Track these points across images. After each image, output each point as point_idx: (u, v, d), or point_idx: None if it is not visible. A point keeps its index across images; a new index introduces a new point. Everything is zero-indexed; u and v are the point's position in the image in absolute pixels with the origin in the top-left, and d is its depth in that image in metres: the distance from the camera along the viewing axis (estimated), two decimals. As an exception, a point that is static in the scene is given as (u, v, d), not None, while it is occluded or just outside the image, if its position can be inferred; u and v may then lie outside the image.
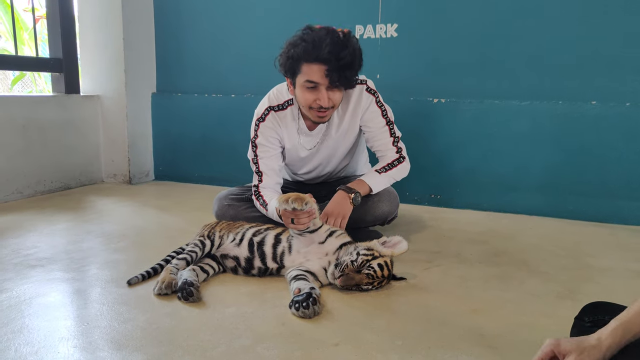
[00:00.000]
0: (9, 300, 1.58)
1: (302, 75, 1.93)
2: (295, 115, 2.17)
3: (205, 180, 3.58)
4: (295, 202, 1.67)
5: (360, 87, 2.14)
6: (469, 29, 2.83)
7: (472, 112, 2.86)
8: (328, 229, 1.82)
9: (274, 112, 2.15)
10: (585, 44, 2.62)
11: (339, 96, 2.00)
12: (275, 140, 2.17)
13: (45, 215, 2.64)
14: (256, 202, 2.14)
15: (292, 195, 1.70)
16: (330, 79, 1.89)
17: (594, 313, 1.20)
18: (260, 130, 2.15)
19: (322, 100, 1.94)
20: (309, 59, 1.88)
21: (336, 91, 1.97)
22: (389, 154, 2.20)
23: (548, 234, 2.46)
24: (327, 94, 1.94)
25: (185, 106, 3.58)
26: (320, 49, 1.85)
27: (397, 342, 1.35)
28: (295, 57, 1.91)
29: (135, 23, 3.46)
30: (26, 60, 3.44)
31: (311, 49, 1.86)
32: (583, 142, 2.67)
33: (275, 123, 2.16)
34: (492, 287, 1.76)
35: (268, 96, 2.20)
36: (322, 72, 1.88)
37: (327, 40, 1.85)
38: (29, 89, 7.13)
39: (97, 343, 1.32)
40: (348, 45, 1.88)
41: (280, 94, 2.18)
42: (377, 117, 2.17)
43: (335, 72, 1.87)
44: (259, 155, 2.16)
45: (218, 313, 1.51)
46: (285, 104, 2.16)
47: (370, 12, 3.00)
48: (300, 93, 1.99)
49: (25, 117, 3.03)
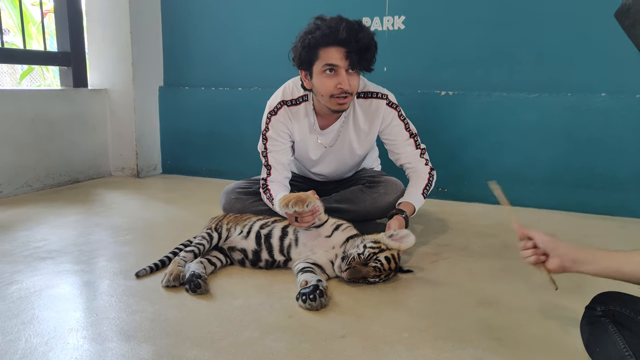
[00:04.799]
0: (19, 292, 1.60)
1: (321, 60, 1.93)
2: (308, 112, 2.15)
3: (212, 174, 3.59)
4: (296, 206, 1.67)
5: (379, 101, 2.13)
6: (477, 21, 2.80)
7: (480, 104, 2.84)
8: (334, 223, 1.82)
9: (287, 107, 2.14)
10: (594, 36, 2.59)
11: (357, 82, 2.00)
12: (285, 135, 2.16)
13: (54, 208, 2.66)
14: (263, 196, 2.14)
15: (292, 199, 1.69)
16: (350, 60, 1.90)
17: (605, 302, 1.19)
18: (272, 123, 2.14)
19: (344, 83, 1.93)
20: (327, 43, 1.89)
21: (354, 76, 1.97)
22: (419, 166, 2.17)
23: (556, 227, 2.44)
24: (347, 78, 1.93)
25: (192, 99, 3.59)
26: (338, 32, 1.87)
27: (404, 335, 1.35)
28: (312, 44, 1.91)
29: (142, 17, 3.46)
30: (34, 54, 3.46)
31: (329, 33, 1.88)
32: (592, 134, 2.65)
33: (287, 118, 2.14)
34: (500, 280, 1.76)
35: (283, 89, 2.18)
36: (342, 54, 1.89)
37: (343, 24, 1.88)
38: (38, 83, 7.17)
39: (106, 334, 1.33)
40: (363, 29, 1.92)
41: (296, 88, 2.16)
42: (401, 130, 2.16)
43: (355, 53, 1.89)
44: (269, 148, 2.15)
45: (226, 305, 1.52)
46: (299, 100, 2.14)
47: (377, 4, 2.98)
48: (320, 81, 1.97)
49: (34, 111, 3.05)
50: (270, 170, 2.14)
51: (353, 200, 2.15)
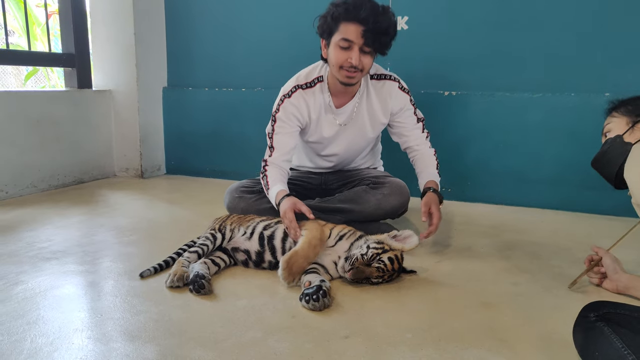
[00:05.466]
0: (24, 292, 1.61)
1: (339, 33, 1.99)
2: (323, 90, 2.20)
3: (216, 174, 3.60)
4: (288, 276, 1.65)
5: (391, 83, 2.23)
6: (480, 21, 2.80)
7: (483, 104, 2.84)
8: (337, 234, 1.79)
9: (302, 90, 2.19)
10: (598, 35, 2.58)
11: (369, 61, 2.06)
12: (294, 119, 2.19)
13: (59, 208, 2.67)
14: (262, 180, 2.17)
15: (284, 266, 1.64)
16: (365, 39, 1.96)
17: (598, 309, 1.20)
18: (284, 105, 2.18)
19: (354, 59, 1.99)
20: (347, 19, 1.96)
21: (368, 56, 2.03)
22: (424, 149, 2.28)
23: (560, 227, 2.44)
24: (359, 55, 2.00)
25: (196, 100, 3.60)
26: (359, 10, 1.94)
27: (407, 335, 1.35)
28: (335, 16, 1.99)
29: (146, 18, 3.48)
30: (39, 55, 3.48)
31: (352, 9, 1.95)
32: (596, 134, 2.62)
33: (301, 100, 2.18)
34: (503, 281, 1.75)
35: (297, 76, 2.24)
36: (359, 32, 1.95)
37: (367, 4, 1.96)
38: (42, 83, 7.21)
39: (111, 334, 1.34)
40: (385, 13, 1.99)
41: (309, 73, 2.22)
42: (411, 114, 2.28)
43: (371, 33, 1.95)
44: (276, 130, 2.18)
45: (229, 305, 1.53)
46: (314, 81, 2.20)
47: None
48: (333, 52, 2.04)
49: (39, 112, 3.06)
50: (273, 151, 2.16)
51: (357, 201, 2.15)
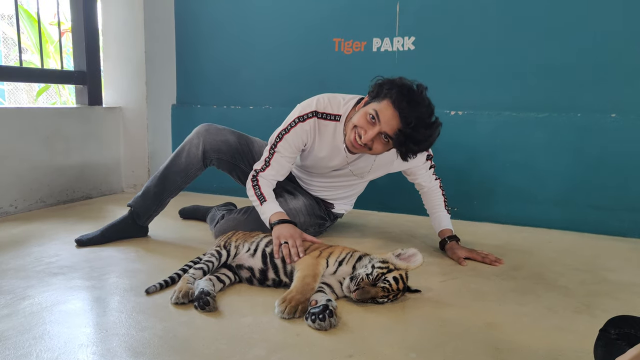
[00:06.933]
0: (31, 307, 1.62)
1: (377, 105, 1.92)
2: (338, 133, 2.14)
3: (223, 191, 3.62)
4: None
5: None
6: (486, 42, 2.83)
7: (489, 124, 2.85)
8: (335, 261, 1.76)
9: (317, 119, 2.13)
10: (604, 55, 2.60)
11: (381, 149, 1.99)
12: (300, 144, 2.17)
13: (67, 224, 2.69)
14: (249, 184, 2.16)
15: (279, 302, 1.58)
16: (393, 133, 1.89)
17: (620, 326, 1.18)
18: (295, 129, 2.13)
19: (368, 136, 1.92)
20: (394, 103, 1.88)
21: (382, 143, 1.95)
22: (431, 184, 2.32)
23: (566, 247, 2.43)
24: (374, 137, 1.92)
25: (204, 118, 3.63)
26: (410, 109, 1.86)
27: (411, 355, 1.35)
28: (387, 90, 1.91)
29: (156, 37, 3.54)
30: (51, 73, 3.54)
31: (405, 102, 1.87)
32: (602, 154, 2.64)
33: (313, 129, 2.14)
34: (509, 301, 1.75)
35: (317, 99, 2.16)
36: (393, 123, 1.88)
37: (422, 110, 1.88)
38: (53, 100, 7.31)
39: (116, 350, 1.34)
40: (429, 128, 1.91)
41: (331, 104, 2.14)
42: (426, 169, 2.29)
43: (402, 134, 1.88)
44: (278, 149, 2.15)
45: (234, 323, 1.53)
46: (332, 116, 2.13)
47: (387, 25, 3.02)
48: (359, 114, 1.97)
49: (50, 128, 3.11)
50: (268, 168, 2.15)
51: None
